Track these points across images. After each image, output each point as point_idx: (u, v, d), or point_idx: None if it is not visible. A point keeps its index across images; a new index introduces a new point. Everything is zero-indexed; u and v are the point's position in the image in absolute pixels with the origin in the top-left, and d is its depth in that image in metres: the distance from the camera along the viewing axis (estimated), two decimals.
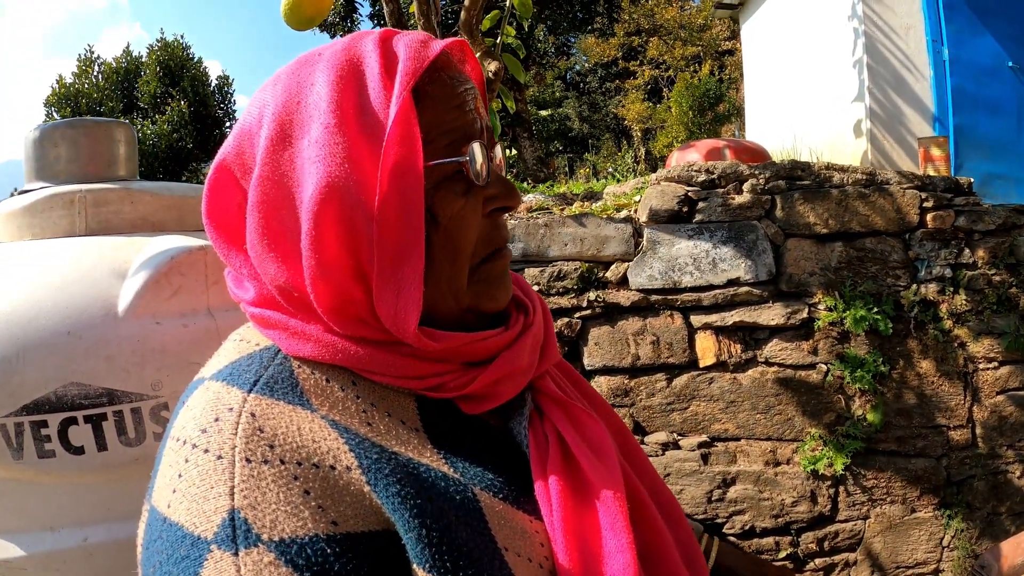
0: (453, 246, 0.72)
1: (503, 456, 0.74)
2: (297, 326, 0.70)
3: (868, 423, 3.66)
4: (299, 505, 0.59)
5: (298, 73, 0.71)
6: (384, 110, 0.67)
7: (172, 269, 1.43)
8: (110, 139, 1.80)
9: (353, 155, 0.65)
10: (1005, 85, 6.13)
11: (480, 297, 0.76)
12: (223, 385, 0.67)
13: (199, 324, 1.44)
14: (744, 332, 3.71)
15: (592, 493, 0.70)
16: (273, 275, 0.69)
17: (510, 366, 0.74)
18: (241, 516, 0.58)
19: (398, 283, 0.67)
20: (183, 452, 0.63)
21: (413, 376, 0.70)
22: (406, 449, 0.67)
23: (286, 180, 0.67)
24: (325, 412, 0.66)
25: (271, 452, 0.61)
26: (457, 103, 0.73)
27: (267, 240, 0.68)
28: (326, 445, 0.63)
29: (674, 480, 3.65)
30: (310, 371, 0.69)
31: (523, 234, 3.69)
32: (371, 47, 0.71)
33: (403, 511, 0.61)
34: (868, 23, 6.12)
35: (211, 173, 0.74)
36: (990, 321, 3.78)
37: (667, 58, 19.64)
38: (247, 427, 0.62)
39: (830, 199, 3.76)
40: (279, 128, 0.68)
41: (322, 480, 0.61)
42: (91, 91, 19.59)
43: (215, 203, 0.74)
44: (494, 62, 4.58)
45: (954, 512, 3.69)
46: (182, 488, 0.61)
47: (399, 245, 0.66)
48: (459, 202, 0.72)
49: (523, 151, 12.34)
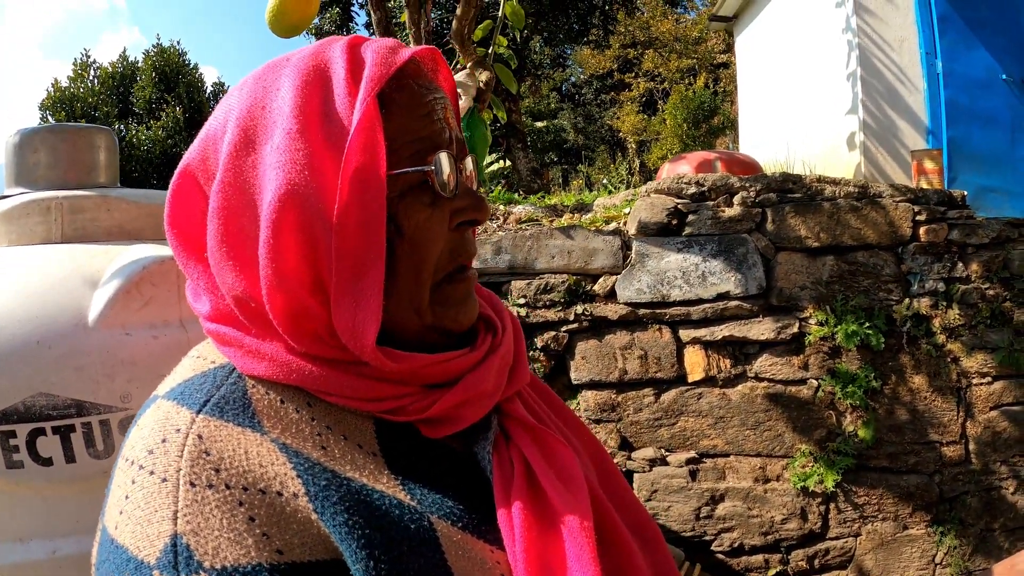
0: (418, 258, 0.69)
1: (465, 482, 0.71)
2: (252, 344, 0.67)
3: (859, 439, 3.62)
4: (243, 532, 0.57)
5: (264, 78, 0.69)
6: (348, 116, 0.65)
7: (143, 279, 1.41)
8: (90, 145, 1.79)
9: (315, 162, 0.63)
10: (999, 98, 6.13)
11: (442, 318, 0.73)
12: (173, 405, 0.65)
13: (170, 336, 1.42)
14: (734, 347, 3.67)
15: (558, 522, 0.66)
16: (230, 284, 0.66)
17: (474, 389, 0.71)
18: (183, 542, 0.56)
19: (357, 295, 0.64)
20: (131, 473, 0.61)
21: (371, 398, 0.67)
22: (361, 475, 0.64)
23: (248, 186, 0.65)
24: (277, 435, 0.63)
25: (216, 476, 0.59)
26: (425, 111, 0.71)
27: (225, 247, 0.66)
28: (273, 470, 0.60)
29: (661, 497, 3.60)
30: (264, 391, 0.66)
31: (510, 246, 3.65)
32: (338, 53, 0.69)
33: (350, 541, 0.58)
34: (862, 36, 6.12)
35: (175, 179, 0.72)
36: (984, 336, 3.74)
37: (662, 70, 19.70)
38: (193, 449, 0.60)
39: (822, 212, 3.72)
40: (242, 133, 0.66)
41: (268, 506, 0.58)
42: (86, 95, 19.56)
43: (178, 210, 0.72)
44: (486, 72, 4.55)
45: (947, 529, 3.65)
46: (128, 510, 0.59)
47: (359, 255, 0.64)
48: (424, 212, 0.69)
49: (517, 162, 12.35)
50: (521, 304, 3.58)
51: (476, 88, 4.43)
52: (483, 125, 4.49)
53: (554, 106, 24.51)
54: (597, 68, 21.78)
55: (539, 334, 3.58)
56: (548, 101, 24.37)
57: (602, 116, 22.83)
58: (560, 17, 15.44)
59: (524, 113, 19.76)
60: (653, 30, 19.88)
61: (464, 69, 4.48)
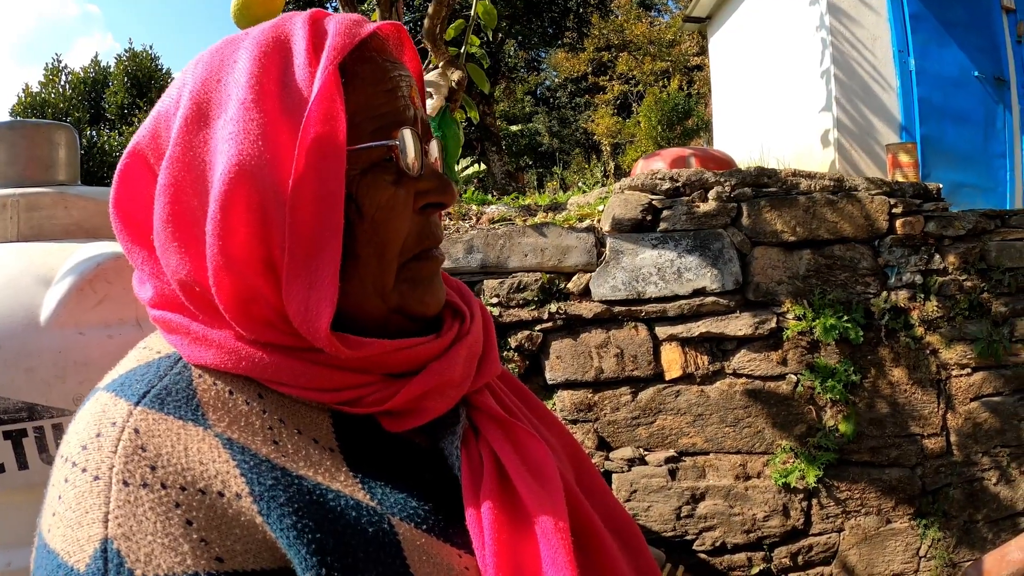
0: (380, 240, 0.65)
1: (432, 481, 0.66)
2: (200, 331, 0.62)
3: (840, 434, 3.59)
4: (179, 537, 0.53)
5: (221, 52, 0.66)
6: (308, 86, 0.61)
7: (97, 276, 1.37)
8: (49, 142, 1.76)
9: (269, 132, 0.60)
10: (971, 95, 6.20)
11: (407, 299, 0.68)
12: (111, 396, 0.61)
13: (126, 335, 1.37)
14: (711, 343, 3.63)
15: (531, 522, 0.62)
16: (175, 267, 0.62)
17: (439, 378, 0.67)
18: (114, 547, 0.52)
19: (310, 276, 0.60)
20: (64, 470, 0.57)
21: (326, 388, 0.63)
22: (316, 472, 0.59)
23: (198, 162, 0.61)
24: (222, 429, 0.59)
25: (152, 475, 0.54)
26: (388, 86, 0.67)
27: (171, 227, 0.61)
28: (215, 468, 0.56)
29: (641, 497, 3.55)
30: (212, 381, 0.62)
31: (482, 244, 3.60)
32: (300, 24, 0.66)
33: (299, 546, 0.54)
34: (835, 34, 6.15)
35: (123, 159, 0.67)
36: (962, 327, 3.73)
37: (636, 73, 19.84)
38: (128, 445, 0.56)
39: (797, 206, 3.69)
40: (195, 107, 0.62)
41: (208, 509, 0.54)
42: (58, 101, 19.33)
43: (124, 192, 0.67)
44: (457, 72, 4.51)
45: (930, 521, 3.63)
46: (60, 512, 0.55)
47: (314, 233, 0.60)
48: (388, 191, 0.66)
49: (492, 165, 12.34)
50: (494, 304, 3.53)
51: (448, 88, 4.39)
52: (455, 125, 4.45)
53: (529, 110, 24.59)
54: (571, 71, 21.93)
55: (513, 334, 3.53)
56: (523, 105, 24.47)
57: (577, 119, 22.92)
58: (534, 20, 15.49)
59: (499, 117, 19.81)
60: (627, 33, 20.05)
61: (436, 69, 4.44)
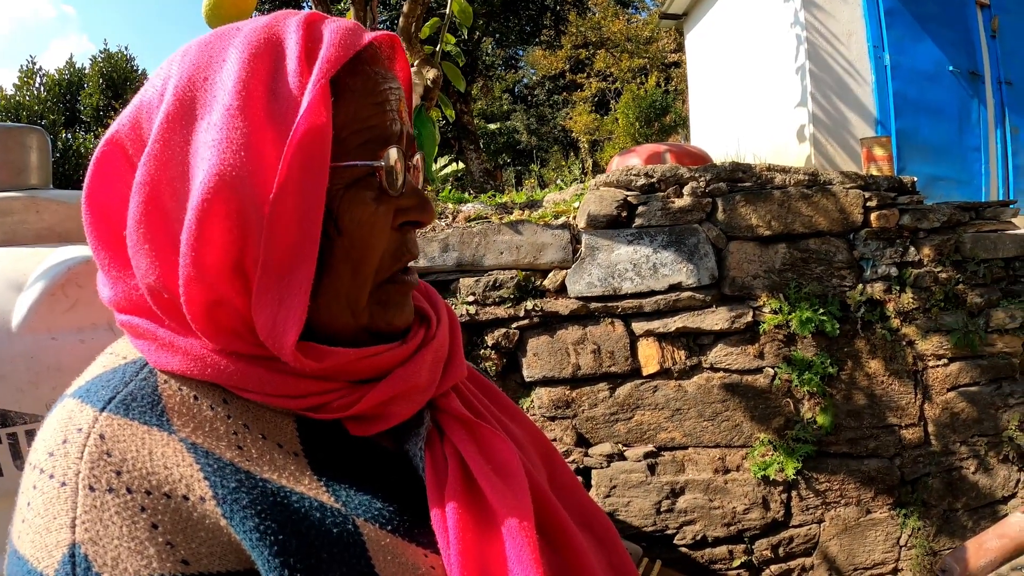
0: (357, 256, 0.65)
1: (397, 483, 0.67)
2: (167, 337, 0.62)
3: (818, 426, 3.60)
4: (144, 541, 0.53)
5: (211, 46, 0.64)
6: (297, 96, 0.60)
7: (69, 280, 1.38)
8: (21, 146, 1.76)
9: (253, 142, 0.59)
10: (946, 89, 6.24)
11: (376, 319, 0.69)
12: (77, 403, 0.61)
13: (99, 339, 1.37)
14: (688, 338, 3.64)
15: (496, 521, 0.63)
16: (145, 271, 0.61)
17: (404, 384, 0.67)
18: (81, 552, 0.52)
19: (281, 292, 0.59)
20: (32, 477, 0.58)
21: (291, 395, 0.63)
22: (280, 476, 0.60)
23: (178, 163, 0.60)
24: (187, 434, 0.59)
25: (117, 479, 0.55)
26: (378, 100, 0.66)
27: (144, 227, 0.60)
28: (179, 472, 0.56)
29: (621, 492, 3.55)
30: (177, 387, 0.62)
31: (457, 243, 3.59)
32: (294, 27, 0.64)
33: (262, 548, 0.55)
34: (810, 30, 6.18)
35: (100, 147, 0.65)
36: (938, 318, 3.75)
37: (614, 70, 19.84)
38: (94, 450, 0.56)
39: (772, 200, 3.71)
40: (180, 105, 0.61)
41: (173, 512, 0.55)
42: (32, 103, 19.01)
43: (98, 183, 0.65)
44: (433, 70, 4.50)
45: (910, 511, 3.65)
46: (29, 518, 0.56)
47: (290, 249, 0.59)
48: (368, 209, 0.65)
49: (470, 164, 12.33)
50: (470, 302, 3.52)
51: (423, 86, 4.38)
52: (431, 124, 4.44)
53: (507, 108, 24.54)
54: (549, 69, 21.91)
55: (489, 332, 3.52)
56: (500, 103, 24.43)
57: (555, 117, 22.88)
58: (511, 18, 15.44)
59: (477, 115, 19.79)
60: (604, 30, 20.05)
61: (411, 67, 4.43)
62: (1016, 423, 3.76)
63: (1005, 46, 6.43)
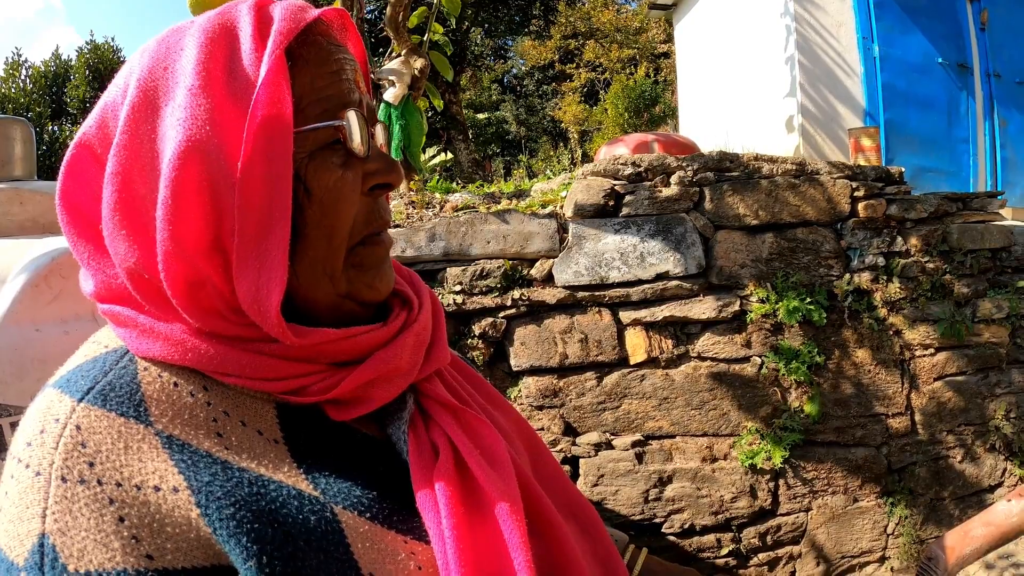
0: (329, 222, 0.66)
1: (380, 470, 0.67)
2: (147, 323, 0.63)
3: (805, 415, 3.61)
4: (110, 534, 0.53)
5: (167, 40, 0.66)
6: (254, 71, 0.62)
7: (52, 272, 1.37)
8: (5, 138, 1.78)
9: (217, 117, 0.60)
10: (935, 81, 6.26)
11: (356, 284, 0.69)
12: (57, 393, 0.61)
13: (83, 331, 1.36)
14: (675, 327, 3.63)
15: (488, 506, 0.63)
16: (124, 255, 0.62)
17: (385, 366, 0.68)
18: (50, 542, 0.53)
19: (260, 256, 0.61)
20: (10, 467, 0.59)
21: (272, 378, 0.64)
22: (259, 464, 0.61)
23: (147, 149, 0.61)
24: (163, 425, 0.60)
25: (90, 471, 0.55)
26: (333, 68, 0.68)
27: (119, 214, 0.61)
28: (153, 465, 0.57)
29: (608, 481, 3.55)
30: (157, 374, 0.63)
31: (444, 232, 3.57)
32: (245, 11, 0.67)
33: (239, 537, 0.55)
34: (800, 21, 6.18)
35: (69, 151, 0.66)
36: (925, 308, 3.76)
37: (603, 61, 19.77)
38: (69, 441, 0.57)
39: (760, 190, 3.70)
40: (143, 95, 0.63)
41: (142, 506, 0.55)
42: (18, 96, 18.88)
43: (71, 184, 0.66)
44: (420, 59, 4.49)
45: (897, 499, 3.66)
46: (5, 507, 0.57)
47: (263, 214, 0.61)
48: (336, 173, 0.67)
49: (459, 154, 12.33)
50: (457, 291, 3.51)
51: (411, 75, 4.37)
52: (418, 113, 4.43)
53: (496, 98, 24.49)
54: (538, 59, 21.83)
55: (476, 321, 3.51)
56: (490, 93, 24.38)
57: (544, 107, 22.86)
58: (500, 8, 15.45)
59: (466, 105, 19.77)
60: (594, 20, 19.97)
61: (399, 57, 4.42)
62: (1002, 412, 3.77)
63: (994, 39, 6.45)
